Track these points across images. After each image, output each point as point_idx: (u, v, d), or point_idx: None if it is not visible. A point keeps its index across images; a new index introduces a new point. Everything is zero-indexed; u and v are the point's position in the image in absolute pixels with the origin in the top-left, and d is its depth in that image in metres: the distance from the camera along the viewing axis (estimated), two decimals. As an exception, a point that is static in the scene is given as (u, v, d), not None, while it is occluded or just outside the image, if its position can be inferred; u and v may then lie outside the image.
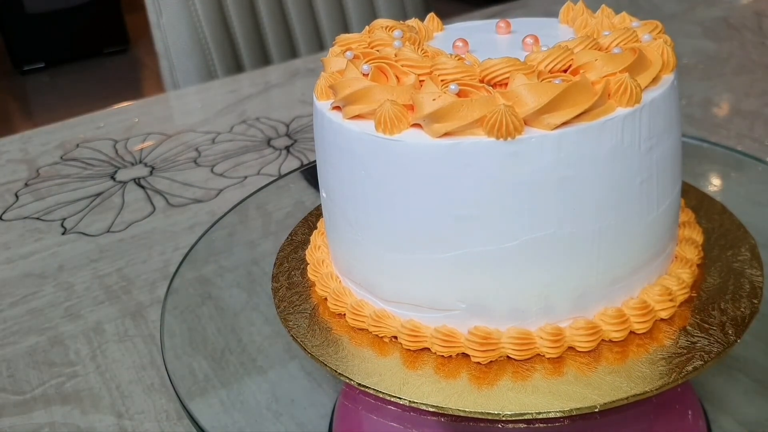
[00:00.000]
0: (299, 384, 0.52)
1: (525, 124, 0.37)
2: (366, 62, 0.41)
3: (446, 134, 0.37)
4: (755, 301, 0.42)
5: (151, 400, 0.53)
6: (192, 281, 0.62)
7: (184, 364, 0.53)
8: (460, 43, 0.44)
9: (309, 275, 0.49)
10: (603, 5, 0.47)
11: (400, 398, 0.39)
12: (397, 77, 0.41)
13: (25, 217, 0.80)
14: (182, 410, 0.48)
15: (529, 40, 0.43)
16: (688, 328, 0.41)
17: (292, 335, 0.44)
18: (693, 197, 0.52)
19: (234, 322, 0.58)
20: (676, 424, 0.45)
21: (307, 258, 0.50)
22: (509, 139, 0.36)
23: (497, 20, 0.48)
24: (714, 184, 0.70)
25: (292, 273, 0.50)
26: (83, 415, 0.53)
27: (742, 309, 0.41)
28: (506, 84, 0.38)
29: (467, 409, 0.38)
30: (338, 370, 0.41)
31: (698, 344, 0.39)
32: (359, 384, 0.40)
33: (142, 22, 1.51)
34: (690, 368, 0.38)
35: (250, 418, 0.49)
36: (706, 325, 0.41)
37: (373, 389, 0.39)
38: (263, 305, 0.58)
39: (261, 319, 0.57)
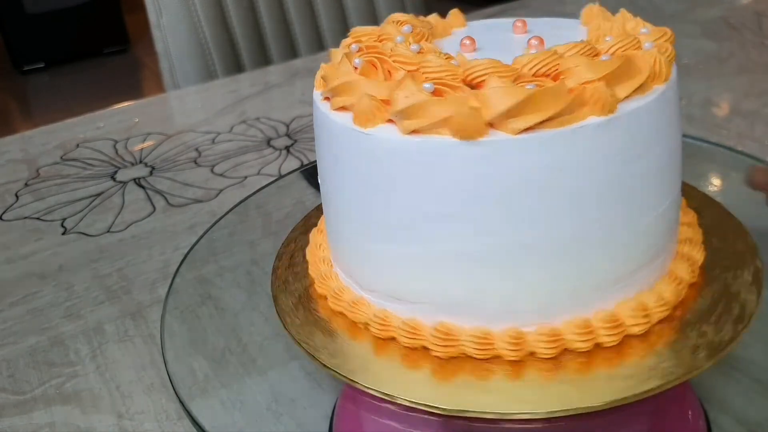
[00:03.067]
0: (299, 384, 0.52)
1: (492, 126, 0.36)
2: (358, 56, 0.42)
3: (415, 131, 0.37)
4: (739, 327, 0.40)
5: (151, 400, 0.53)
6: (192, 281, 0.62)
7: (184, 364, 0.53)
8: (467, 41, 0.44)
9: (307, 257, 0.50)
10: (622, 9, 0.47)
11: (395, 396, 0.39)
12: (389, 72, 0.41)
13: (25, 217, 0.80)
14: (182, 410, 0.48)
15: (534, 42, 0.43)
16: (659, 347, 0.40)
17: (277, 311, 0.46)
18: (709, 215, 0.50)
19: (234, 322, 0.58)
20: (676, 424, 0.45)
21: (307, 256, 0.51)
22: (472, 140, 0.36)
23: (514, 19, 0.48)
24: (714, 184, 0.70)
25: (295, 254, 0.51)
26: (83, 415, 0.53)
27: (722, 333, 0.40)
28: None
29: (462, 408, 0.38)
30: (309, 351, 0.42)
31: (662, 365, 0.39)
32: (328, 367, 0.41)
33: (142, 22, 1.52)
34: (645, 388, 0.37)
35: (250, 418, 0.49)
36: (678, 347, 0.40)
37: (368, 386, 0.40)
38: (263, 305, 0.58)
39: (261, 319, 0.57)
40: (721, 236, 0.49)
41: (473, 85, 0.38)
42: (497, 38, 0.47)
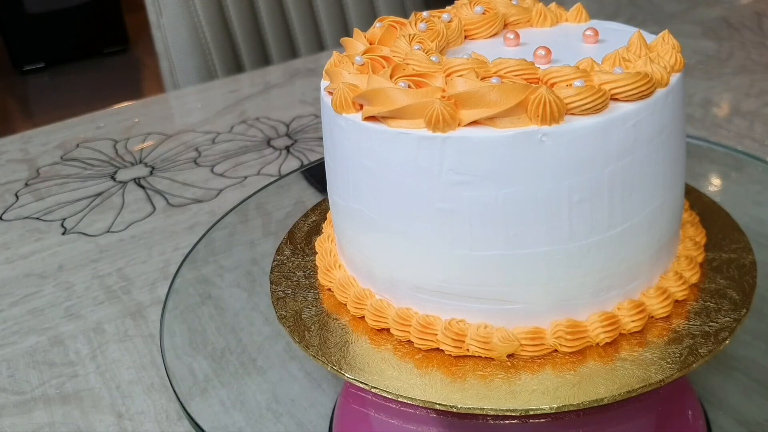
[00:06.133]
0: (299, 384, 0.52)
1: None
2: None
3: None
4: (743, 311, 0.42)
5: (151, 400, 0.53)
6: (192, 281, 0.62)
7: (184, 364, 0.53)
8: (542, 52, 0.44)
9: (316, 261, 0.50)
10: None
11: (388, 392, 0.39)
12: (382, 67, 0.42)
13: (25, 217, 0.80)
14: (182, 410, 0.48)
15: (540, 52, 0.43)
16: (678, 329, 0.41)
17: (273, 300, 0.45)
18: (715, 227, 0.51)
19: (234, 322, 0.58)
20: (676, 424, 0.45)
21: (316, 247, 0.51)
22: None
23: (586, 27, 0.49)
24: (714, 184, 0.70)
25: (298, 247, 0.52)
26: (83, 415, 0.53)
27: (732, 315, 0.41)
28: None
29: (443, 403, 0.38)
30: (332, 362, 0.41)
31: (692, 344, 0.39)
32: (333, 367, 0.41)
33: (142, 22, 1.52)
34: (657, 378, 0.38)
35: (250, 418, 0.49)
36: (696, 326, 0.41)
37: (362, 382, 0.40)
38: (263, 305, 0.58)
39: (261, 319, 0.57)
40: (709, 219, 0.50)
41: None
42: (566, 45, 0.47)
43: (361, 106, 0.40)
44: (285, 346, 0.54)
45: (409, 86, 0.39)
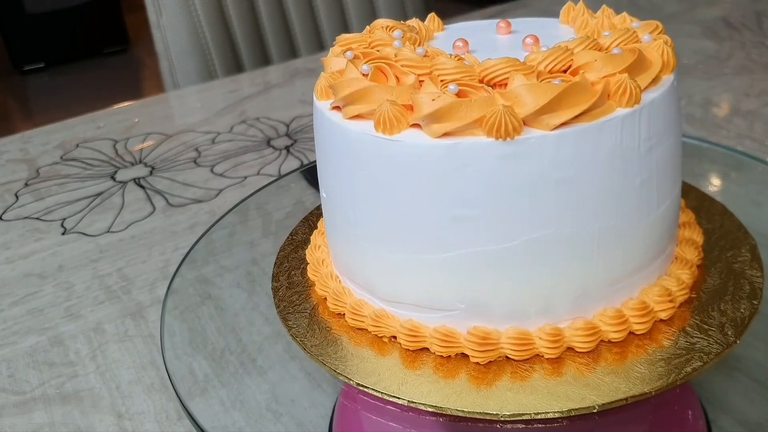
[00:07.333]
0: (299, 384, 0.52)
1: (524, 124, 0.37)
2: (366, 62, 0.41)
3: (445, 134, 0.37)
4: (755, 302, 0.42)
5: (151, 400, 0.53)
6: (192, 281, 0.62)
7: (184, 364, 0.53)
8: (460, 43, 0.44)
9: (309, 275, 0.49)
10: (604, 5, 0.47)
11: (398, 398, 0.39)
12: (396, 77, 0.41)
13: (25, 217, 0.80)
14: (182, 410, 0.48)
15: (529, 40, 0.43)
16: (688, 329, 0.41)
17: (291, 335, 0.44)
18: (693, 197, 0.52)
19: (234, 322, 0.58)
20: (676, 425, 0.45)
21: (307, 258, 0.50)
22: (508, 139, 0.36)
23: (498, 20, 0.48)
24: (714, 184, 0.70)
25: (293, 272, 0.50)
26: (83, 415, 0.53)
27: (742, 310, 0.41)
28: (506, 84, 0.38)
29: (465, 409, 0.38)
30: (337, 370, 0.41)
31: (697, 345, 0.39)
32: (358, 384, 0.40)
33: (142, 22, 1.52)
34: (689, 369, 0.38)
35: (250, 418, 0.49)
36: (706, 326, 0.41)
37: (372, 389, 0.39)
38: (263, 305, 0.58)
39: (261, 319, 0.57)
40: (708, 219, 0.50)
41: (492, 85, 0.38)
42: (485, 39, 0.47)
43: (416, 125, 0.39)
44: (285, 346, 0.54)
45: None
